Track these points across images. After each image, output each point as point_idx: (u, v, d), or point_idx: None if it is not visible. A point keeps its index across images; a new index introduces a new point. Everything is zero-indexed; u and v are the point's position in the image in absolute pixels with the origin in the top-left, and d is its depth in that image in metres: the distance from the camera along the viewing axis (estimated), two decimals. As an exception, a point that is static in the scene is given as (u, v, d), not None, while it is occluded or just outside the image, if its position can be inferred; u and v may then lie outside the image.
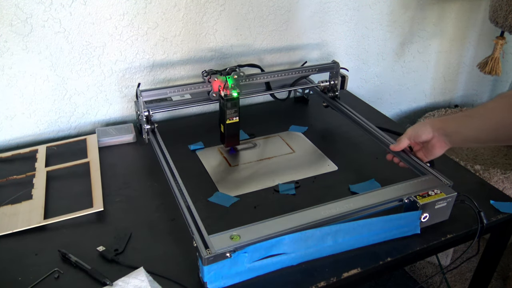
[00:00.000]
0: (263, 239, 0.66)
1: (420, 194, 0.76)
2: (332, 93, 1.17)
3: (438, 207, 0.76)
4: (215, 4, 1.12)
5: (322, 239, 0.70)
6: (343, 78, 1.15)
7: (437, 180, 0.81)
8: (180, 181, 0.80)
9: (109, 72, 1.10)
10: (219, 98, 0.99)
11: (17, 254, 0.73)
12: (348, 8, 1.31)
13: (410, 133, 0.85)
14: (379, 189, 0.80)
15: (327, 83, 1.17)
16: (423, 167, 0.85)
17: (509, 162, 1.44)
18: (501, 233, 0.86)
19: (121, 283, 0.67)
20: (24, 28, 0.96)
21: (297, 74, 1.15)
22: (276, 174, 0.95)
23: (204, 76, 1.02)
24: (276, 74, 1.11)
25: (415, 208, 0.75)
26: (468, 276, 1.28)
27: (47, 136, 1.11)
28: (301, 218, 0.71)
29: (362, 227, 0.72)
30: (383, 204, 0.76)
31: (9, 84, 1.01)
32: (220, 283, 0.66)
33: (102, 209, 0.83)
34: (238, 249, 0.64)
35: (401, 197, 0.76)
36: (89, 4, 1.00)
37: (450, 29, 1.54)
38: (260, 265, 0.67)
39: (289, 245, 0.68)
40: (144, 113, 0.97)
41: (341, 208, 0.73)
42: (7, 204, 0.84)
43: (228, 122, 0.98)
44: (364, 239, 0.74)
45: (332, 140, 1.09)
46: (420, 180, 0.81)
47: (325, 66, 1.15)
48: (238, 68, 1.04)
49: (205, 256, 0.62)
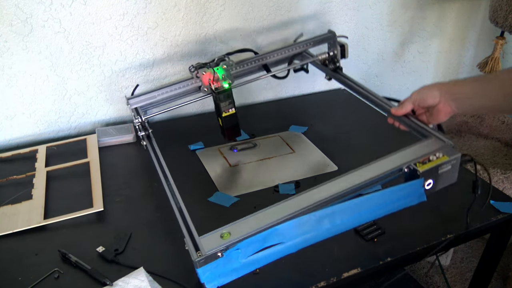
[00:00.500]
0: (255, 232, 0.63)
1: (420, 160, 0.70)
2: (333, 65, 1.08)
3: (443, 171, 0.70)
4: (215, 4, 1.12)
5: (319, 223, 0.66)
6: (343, 47, 1.06)
7: (439, 142, 0.74)
8: (173, 185, 0.78)
9: (109, 72, 1.10)
10: (211, 92, 0.95)
11: (17, 254, 0.73)
12: (348, 8, 1.31)
13: (415, 97, 0.80)
14: (375, 161, 0.73)
15: (326, 55, 1.07)
16: (424, 129, 0.80)
17: (509, 162, 1.44)
18: (501, 233, 0.86)
19: (121, 283, 0.67)
20: (24, 28, 0.96)
21: (295, 50, 1.07)
22: (276, 174, 0.95)
23: (192, 72, 0.96)
24: (272, 54, 1.04)
25: (416, 176, 0.69)
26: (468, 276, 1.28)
27: (47, 136, 1.11)
28: (293, 206, 0.66)
29: (360, 205, 0.67)
30: (381, 178, 0.70)
31: (9, 84, 1.01)
32: (218, 281, 0.64)
33: (102, 209, 0.83)
34: (230, 246, 0.62)
35: (400, 166, 0.70)
36: (89, 4, 1.00)
37: (450, 29, 1.54)
38: (257, 258, 0.65)
39: (284, 234, 0.64)
40: (137, 120, 0.94)
41: (335, 188, 0.68)
42: (7, 204, 0.84)
43: (224, 115, 0.94)
44: (365, 216, 0.69)
45: (332, 140, 1.09)
46: (420, 145, 0.75)
47: (321, 37, 1.07)
48: (226, 56, 0.97)
49: (196, 259, 0.61)
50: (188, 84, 0.98)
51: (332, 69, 1.08)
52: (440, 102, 0.77)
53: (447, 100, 0.77)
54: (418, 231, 0.78)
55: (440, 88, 0.77)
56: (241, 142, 1.07)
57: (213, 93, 0.93)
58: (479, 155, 1.46)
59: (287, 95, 1.36)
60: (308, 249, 0.74)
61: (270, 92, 1.33)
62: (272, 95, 1.34)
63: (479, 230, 0.81)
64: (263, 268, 0.70)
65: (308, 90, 1.39)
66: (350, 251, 0.74)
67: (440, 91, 0.77)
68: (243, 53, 1.06)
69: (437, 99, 0.77)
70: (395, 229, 0.78)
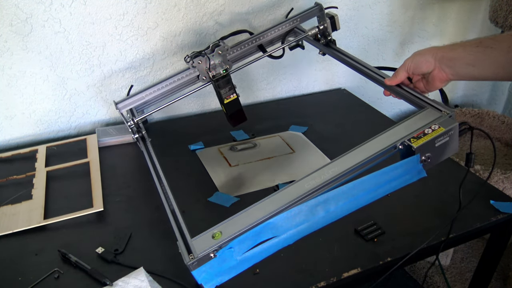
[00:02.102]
0: (247, 229, 0.62)
1: (415, 135, 0.66)
2: (324, 39, 1.04)
3: (440, 144, 0.67)
4: (215, 4, 1.12)
5: (312, 212, 0.64)
6: (332, 19, 1.01)
7: (435, 113, 0.71)
8: (167, 186, 0.77)
9: (109, 72, 1.10)
10: (210, 80, 0.93)
11: (17, 254, 0.73)
12: (348, 8, 1.31)
13: (409, 64, 0.76)
14: (368, 140, 0.70)
15: (316, 30, 1.03)
16: (420, 99, 0.76)
17: (509, 162, 1.44)
18: (501, 233, 0.86)
19: (121, 283, 0.67)
20: (24, 28, 0.96)
21: (286, 27, 1.03)
22: (276, 174, 0.95)
23: (187, 62, 0.92)
24: (265, 34, 1.01)
25: (411, 153, 0.66)
26: (468, 276, 1.28)
27: (47, 136, 1.11)
28: (284, 197, 0.64)
29: (354, 189, 0.64)
30: (374, 158, 0.67)
31: (9, 84, 1.01)
32: (216, 281, 0.64)
33: (102, 209, 0.83)
34: (223, 246, 0.61)
35: (394, 144, 0.67)
36: (89, 4, 1.00)
37: (450, 29, 1.54)
38: (254, 254, 0.64)
39: (278, 228, 0.63)
40: (129, 123, 0.92)
41: (326, 175, 0.65)
42: (7, 204, 0.84)
43: (226, 102, 0.94)
44: (361, 200, 0.66)
45: (332, 140, 1.09)
46: (415, 118, 0.71)
47: (308, 12, 1.02)
48: (221, 41, 0.93)
49: (188, 262, 0.60)
50: (184, 76, 0.95)
51: (324, 44, 1.04)
52: (435, 68, 0.73)
53: (442, 66, 0.73)
54: (418, 231, 0.78)
55: (435, 54, 0.73)
56: (241, 142, 1.07)
57: (212, 81, 0.92)
58: (479, 155, 1.46)
59: (287, 95, 1.37)
60: (308, 249, 0.74)
61: (270, 92, 1.33)
62: (272, 95, 1.34)
63: (479, 230, 0.81)
64: (263, 268, 0.70)
65: (308, 90, 1.39)
66: (350, 251, 0.74)
67: (434, 56, 0.73)
68: (238, 36, 1.03)
69: (432, 65, 0.73)
70: (395, 229, 0.78)
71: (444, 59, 0.72)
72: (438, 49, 0.73)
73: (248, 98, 1.30)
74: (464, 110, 1.58)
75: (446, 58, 0.72)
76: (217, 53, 0.92)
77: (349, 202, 0.65)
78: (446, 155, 0.69)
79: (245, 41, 0.99)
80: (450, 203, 0.84)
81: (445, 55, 0.72)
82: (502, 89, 1.78)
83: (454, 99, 1.74)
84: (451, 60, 0.71)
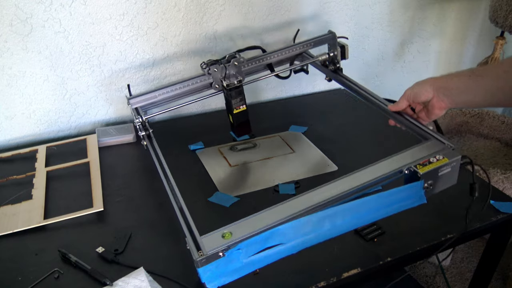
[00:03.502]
0: (256, 233, 0.64)
1: (421, 162, 0.70)
2: (333, 66, 1.08)
3: (442, 174, 0.71)
4: (215, 4, 1.12)
5: (319, 224, 0.66)
6: (343, 48, 1.07)
7: (439, 144, 0.75)
8: (174, 184, 0.78)
9: (109, 72, 1.10)
10: (223, 89, 0.96)
11: (17, 254, 0.73)
12: (348, 8, 1.31)
13: (409, 93, 0.81)
14: (376, 163, 0.74)
15: (326, 56, 1.07)
16: (424, 131, 0.80)
17: (509, 162, 1.44)
18: (501, 233, 0.86)
19: (121, 283, 0.67)
20: (24, 28, 0.96)
21: (293, 51, 1.07)
22: (276, 174, 0.95)
23: (203, 68, 0.95)
24: (276, 54, 1.05)
25: (416, 178, 0.70)
26: (468, 276, 1.28)
27: (47, 136, 1.11)
28: (293, 207, 0.67)
29: (360, 206, 0.68)
30: (381, 179, 0.70)
31: (9, 84, 1.01)
32: (219, 281, 0.65)
33: (102, 209, 0.83)
34: (231, 246, 0.62)
35: (400, 168, 0.71)
36: (89, 4, 1.00)
37: (450, 29, 1.54)
38: (258, 259, 0.65)
39: (285, 235, 0.65)
40: (137, 120, 0.93)
41: (336, 189, 0.69)
42: (7, 204, 0.84)
43: (235, 112, 0.95)
44: (365, 218, 0.69)
45: (332, 140, 1.09)
46: (420, 146, 0.76)
47: (321, 38, 1.07)
48: (237, 54, 0.97)
49: (197, 258, 0.61)
50: (198, 81, 0.98)
51: (332, 70, 1.09)
52: (434, 97, 0.78)
53: (439, 95, 0.77)
54: (418, 231, 0.78)
55: (433, 83, 0.77)
56: (241, 142, 1.07)
57: (225, 90, 0.94)
58: (479, 155, 1.46)
59: (287, 95, 1.37)
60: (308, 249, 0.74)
61: (270, 92, 1.33)
62: (272, 95, 1.34)
63: (479, 230, 0.81)
64: (263, 268, 0.70)
65: (308, 90, 1.39)
66: (350, 251, 0.74)
67: (432, 86, 0.77)
68: (250, 51, 1.06)
69: (430, 94, 0.77)
70: (395, 229, 0.78)
71: (441, 88, 0.76)
72: (435, 79, 0.78)
73: (248, 98, 1.30)
74: (464, 110, 1.58)
75: (442, 87, 0.76)
76: (233, 64, 0.95)
77: (354, 218, 0.68)
78: (445, 185, 0.73)
79: (258, 58, 1.03)
80: (450, 203, 0.84)
81: (442, 85, 0.77)
82: (502, 89, 1.78)
83: (454, 99, 1.73)
84: (447, 89, 0.76)
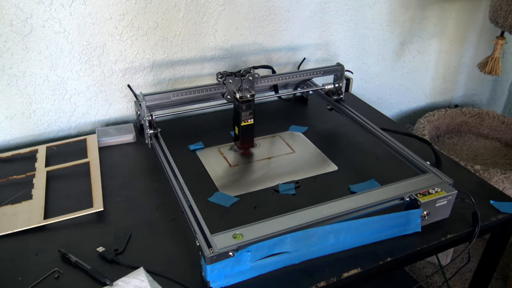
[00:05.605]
0: (265, 238, 0.66)
1: (421, 192, 0.76)
2: (336, 96, 1.16)
3: (439, 205, 0.77)
4: (215, 4, 1.12)
5: (324, 238, 0.70)
6: (348, 81, 1.14)
7: (437, 178, 0.81)
8: (182, 182, 0.80)
9: (109, 72, 1.10)
10: (234, 100, 1.00)
11: (17, 254, 0.73)
12: (348, 8, 1.31)
13: None
14: (380, 187, 0.80)
15: (331, 86, 1.16)
16: (423, 166, 0.86)
17: (509, 162, 1.44)
18: (501, 233, 0.86)
19: (121, 283, 0.67)
20: (24, 28, 0.96)
21: (303, 76, 1.14)
22: (276, 174, 0.95)
23: (219, 78, 1.02)
24: (285, 76, 1.12)
25: (416, 206, 0.75)
26: (468, 276, 1.28)
27: (47, 136, 1.11)
28: (303, 217, 0.71)
29: (364, 226, 0.72)
30: (385, 202, 0.76)
31: (9, 84, 1.01)
32: (222, 282, 0.65)
33: (102, 209, 0.83)
34: (241, 248, 0.64)
35: (402, 195, 0.76)
36: (89, 4, 1.00)
37: (450, 29, 1.54)
38: (263, 264, 0.67)
39: (291, 244, 0.68)
40: (147, 118, 0.94)
41: (342, 206, 0.74)
42: (7, 204, 0.84)
43: (243, 124, 0.99)
44: (365, 238, 0.74)
45: (332, 140, 1.09)
46: (420, 178, 0.82)
47: (330, 68, 1.15)
48: (252, 69, 1.03)
49: (208, 255, 0.62)
50: (212, 89, 1.03)
51: (335, 100, 1.15)
52: None
53: None
54: (418, 231, 0.78)
55: None
56: (241, 142, 1.08)
57: (236, 102, 0.98)
58: (479, 155, 1.46)
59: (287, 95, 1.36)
60: (308, 249, 0.74)
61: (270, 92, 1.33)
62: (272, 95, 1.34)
63: (479, 230, 0.81)
64: (263, 268, 0.70)
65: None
66: (350, 251, 0.74)
67: None
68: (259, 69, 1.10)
69: None
70: (395, 229, 0.78)
71: None
72: None
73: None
74: (464, 110, 1.58)
75: None
76: (248, 79, 1.01)
77: (356, 236, 0.73)
78: (438, 217, 0.79)
79: (268, 77, 1.10)
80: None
81: None
82: (502, 89, 1.78)
83: (454, 99, 1.74)
84: None
